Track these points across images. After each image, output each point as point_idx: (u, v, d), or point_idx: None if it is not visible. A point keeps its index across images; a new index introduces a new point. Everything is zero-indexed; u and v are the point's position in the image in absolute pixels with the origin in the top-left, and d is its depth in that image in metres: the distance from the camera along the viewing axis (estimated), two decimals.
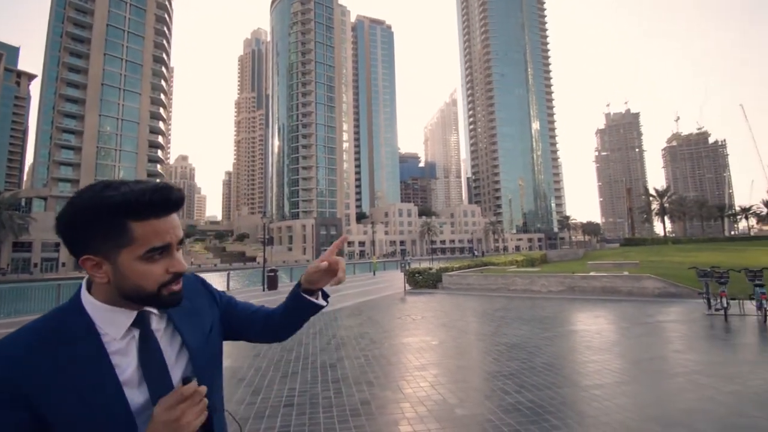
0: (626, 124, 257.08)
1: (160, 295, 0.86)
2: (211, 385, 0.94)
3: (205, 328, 1.03)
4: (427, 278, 17.48)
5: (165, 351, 0.91)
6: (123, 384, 0.81)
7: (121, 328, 0.86)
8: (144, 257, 0.83)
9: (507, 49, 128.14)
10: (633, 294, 12.56)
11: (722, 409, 4.07)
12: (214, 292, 1.15)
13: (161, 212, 0.84)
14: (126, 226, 0.81)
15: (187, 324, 0.98)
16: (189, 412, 0.81)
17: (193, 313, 1.02)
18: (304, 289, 1.16)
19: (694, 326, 8.19)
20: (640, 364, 5.86)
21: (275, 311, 1.22)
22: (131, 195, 0.80)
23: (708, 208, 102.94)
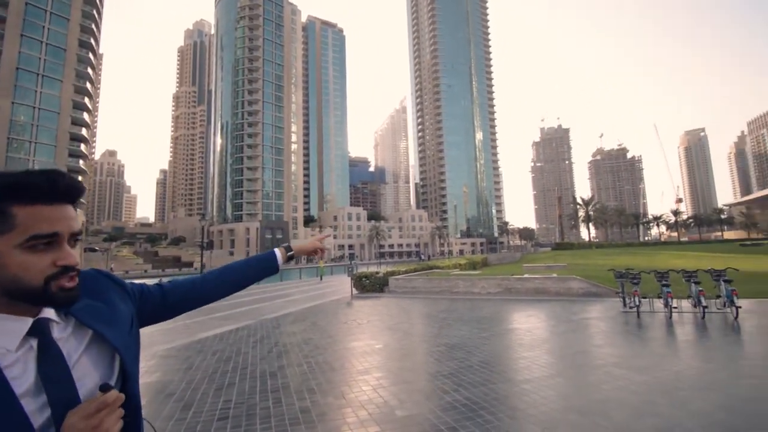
0: (558, 138, 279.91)
1: (48, 290, 0.78)
2: (135, 383, 0.92)
3: (125, 324, 0.98)
4: (374, 282, 17.57)
5: (73, 358, 0.83)
6: (20, 397, 0.74)
7: (14, 338, 0.78)
8: (25, 246, 0.76)
9: (454, 62, 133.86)
10: (561, 294, 13.64)
11: (634, 398, 4.54)
12: (125, 285, 1.08)
13: (48, 198, 0.78)
14: (6, 209, 0.75)
15: (106, 324, 0.91)
16: (108, 420, 0.77)
17: (108, 311, 0.95)
18: (290, 255, 1.48)
19: (611, 323, 9.09)
20: (565, 359, 6.38)
21: (217, 273, 1.32)
22: (13, 177, 0.75)
23: (626, 217, 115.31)
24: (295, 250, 1.52)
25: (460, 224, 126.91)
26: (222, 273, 1.32)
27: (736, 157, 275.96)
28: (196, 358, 7.15)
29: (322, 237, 1.67)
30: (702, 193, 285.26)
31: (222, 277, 1.31)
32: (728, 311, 8.74)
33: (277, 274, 1.50)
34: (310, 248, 1.58)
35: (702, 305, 8.67)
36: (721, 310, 9.05)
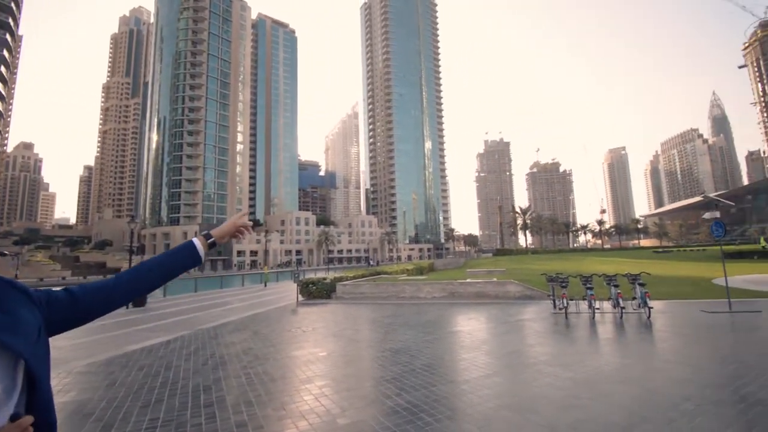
0: (500, 151, 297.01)
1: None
2: (48, 400, 0.88)
3: (32, 333, 0.91)
4: (321, 288, 17.28)
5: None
6: None
7: None
8: None
9: (406, 72, 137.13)
10: (499, 297, 14.40)
11: (560, 393, 4.89)
12: (29, 291, 1.00)
13: None
14: None
15: (6, 332, 0.85)
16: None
17: (9, 319, 0.88)
18: (211, 242, 1.40)
19: (543, 323, 9.75)
20: (501, 359, 6.73)
21: (131, 272, 1.23)
22: None
23: (558, 225, 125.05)
24: (216, 235, 1.44)
25: (408, 230, 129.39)
26: (137, 271, 1.22)
27: (651, 173, 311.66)
28: (120, 373, 6.52)
29: (239, 215, 1.54)
30: (622, 205, 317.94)
31: (137, 275, 1.21)
32: (642, 311, 9.77)
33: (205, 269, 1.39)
34: (231, 229, 1.48)
35: (620, 306, 9.63)
36: (636, 311, 10.10)
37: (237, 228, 1.50)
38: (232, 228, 1.49)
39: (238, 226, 1.50)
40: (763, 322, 8.71)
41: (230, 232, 1.48)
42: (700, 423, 3.84)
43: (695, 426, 3.78)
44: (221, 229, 1.47)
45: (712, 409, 4.18)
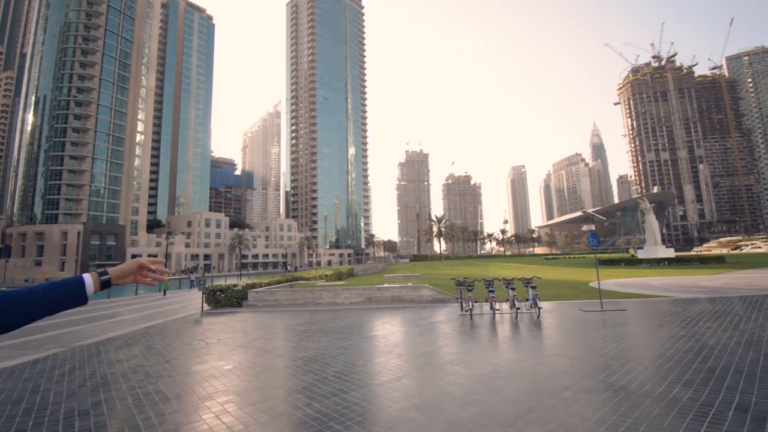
0: (419, 161, 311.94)
1: None
2: None
3: None
4: (230, 296, 16.11)
5: None
6: None
7: None
8: None
9: (331, 76, 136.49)
10: (414, 301, 14.98)
11: (461, 390, 5.22)
12: None
13: None
14: None
15: None
16: None
17: None
18: (105, 280, 1.25)
19: (451, 325, 10.38)
20: (412, 361, 6.97)
21: None
22: None
23: (468, 233, 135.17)
24: (113, 274, 1.27)
25: (329, 235, 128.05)
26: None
27: (545, 190, 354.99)
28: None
29: (150, 260, 1.39)
30: (522, 216, 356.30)
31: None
32: (533, 311, 10.99)
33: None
34: (132, 268, 1.31)
35: (516, 307, 10.71)
36: (528, 311, 11.32)
37: (141, 267, 1.33)
38: (133, 267, 1.32)
39: (143, 266, 1.34)
40: (627, 319, 10.41)
41: (130, 271, 1.32)
42: (576, 409, 4.42)
43: (571, 412, 4.34)
44: (121, 269, 1.31)
45: (585, 396, 4.84)
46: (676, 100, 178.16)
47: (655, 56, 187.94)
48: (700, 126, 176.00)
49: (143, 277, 1.35)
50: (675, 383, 5.07)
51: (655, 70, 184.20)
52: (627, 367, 5.87)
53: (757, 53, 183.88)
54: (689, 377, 5.28)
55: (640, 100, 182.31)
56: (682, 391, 4.78)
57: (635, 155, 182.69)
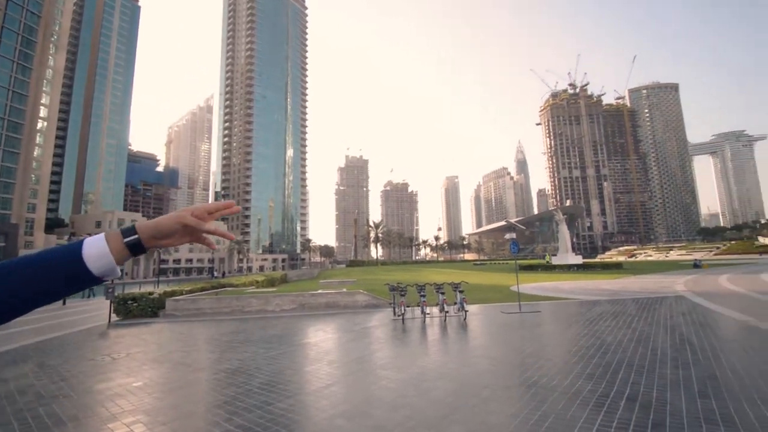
0: (359, 167, 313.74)
1: None
2: None
3: None
4: (144, 305, 14.61)
5: None
6: None
7: None
8: None
9: (271, 74, 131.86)
10: (349, 307, 14.90)
11: (391, 394, 5.27)
12: None
13: None
14: None
15: None
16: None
17: None
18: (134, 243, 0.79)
19: (384, 330, 10.49)
20: (343, 367, 6.89)
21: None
22: None
23: (404, 239, 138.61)
24: (146, 232, 0.80)
25: (263, 239, 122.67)
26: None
27: (475, 199, 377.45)
28: None
29: (216, 205, 0.92)
30: (454, 224, 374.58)
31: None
32: (461, 314, 11.53)
33: None
34: (174, 226, 0.83)
35: (445, 311, 11.15)
36: (456, 314, 11.86)
37: (194, 227, 0.84)
38: (179, 224, 0.83)
39: (193, 223, 0.84)
40: (542, 320, 11.38)
41: (174, 230, 0.83)
42: (494, 406, 4.70)
43: (490, 409, 4.60)
44: (159, 225, 0.82)
45: (503, 393, 5.17)
46: (587, 124, 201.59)
47: (571, 84, 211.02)
48: (606, 148, 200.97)
49: (198, 238, 0.89)
50: (578, 377, 5.64)
51: (570, 97, 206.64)
52: (539, 364, 6.40)
53: (653, 88, 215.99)
54: (590, 371, 5.91)
55: (557, 122, 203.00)
56: (584, 384, 5.33)
57: (552, 171, 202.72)
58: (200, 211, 0.86)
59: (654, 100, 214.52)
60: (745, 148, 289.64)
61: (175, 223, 0.82)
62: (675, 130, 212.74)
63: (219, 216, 0.93)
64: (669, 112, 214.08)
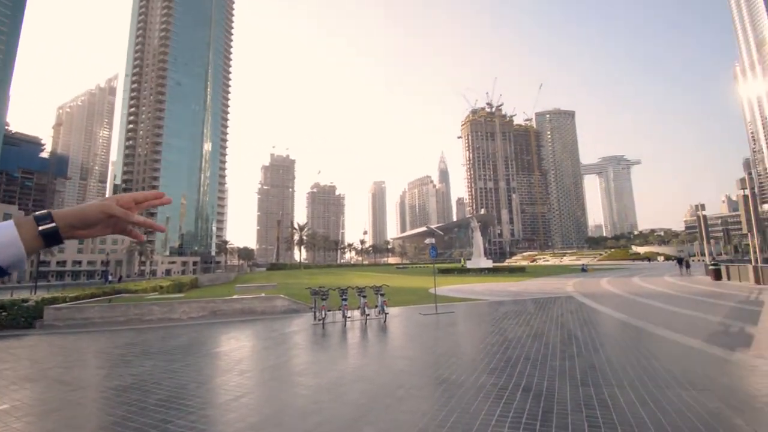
0: (285, 167, 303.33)
1: None
2: None
3: None
4: (15, 314, 12.28)
5: None
6: None
7: None
8: None
9: (189, 60, 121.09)
10: (266, 312, 14.23)
11: (305, 401, 5.14)
12: None
13: None
14: None
15: None
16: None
17: None
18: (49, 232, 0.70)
19: (303, 335, 10.22)
20: (257, 376, 6.54)
21: None
22: None
23: (330, 242, 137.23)
24: (64, 220, 0.72)
25: (172, 240, 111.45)
26: None
27: (400, 205, 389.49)
28: None
29: (133, 197, 0.82)
30: (380, 228, 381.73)
31: None
32: (381, 317, 11.75)
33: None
34: (98, 215, 0.75)
35: (366, 314, 11.26)
36: (377, 317, 12.05)
37: (120, 218, 0.78)
38: (104, 213, 0.76)
39: (121, 214, 0.77)
40: (456, 320, 12.09)
41: (98, 220, 0.76)
42: (407, 405, 4.85)
43: (403, 408, 4.74)
44: (80, 213, 0.75)
45: (416, 392, 5.36)
46: (501, 141, 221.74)
47: (489, 103, 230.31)
48: (515, 164, 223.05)
49: (124, 230, 0.80)
50: (482, 372, 6.10)
51: (488, 115, 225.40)
52: (450, 362, 6.80)
53: (555, 113, 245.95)
54: (493, 366, 6.44)
55: (476, 137, 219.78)
56: (488, 378, 5.78)
57: (470, 182, 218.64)
58: (127, 200, 0.79)
59: (555, 124, 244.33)
60: (624, 171, 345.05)
61: (99, 212, 0.75)
62: (571, 152, 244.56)
63: (147, 206, 0.86)
64: (566, 136, 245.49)
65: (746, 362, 6.12)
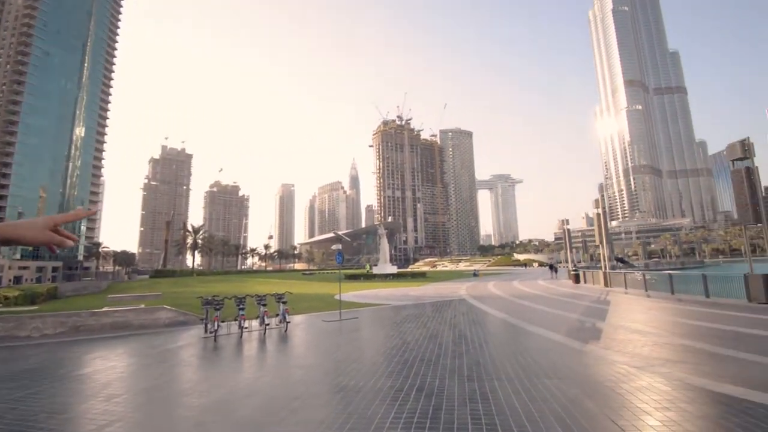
0: (180, 162, 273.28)
1: None
2: None
3: None
4: None
5: None
6: None
7: None
8: None
9: (63, 28, 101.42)
10: (146, 326, 12.52)
11: (184, 424, 4.62)
12: None
13: None
14: None
15: None
16: None
17: None
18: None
19: (192, 350, 9.23)
20: (129, 401, 5.67)
21: None
22: None
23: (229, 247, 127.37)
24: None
25: None
26: None
27: (309, 209, 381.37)
28: None
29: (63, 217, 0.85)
30: (287, 233, 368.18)
31: None
32: (282, 326, 11.26)
33: None
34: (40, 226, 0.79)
35: (265, 324, 10.67)
36: (278, 326, 11.52)
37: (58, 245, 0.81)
38: (47, 224, 0.80)
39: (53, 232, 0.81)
40: (359, 326, 12.19)
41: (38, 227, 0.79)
42: (303, 415, 4.70)
43: (299, 419, 4.58)
44: (19, 232, 0.78)
45: (313, 401, 5.23)
46: (409, 153, 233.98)
47: (399, 116, 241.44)
48: (421, 175, 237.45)
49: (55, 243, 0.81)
50: (381, 376, 6.26)
51: (398, 127, 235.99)
52: (351, 368, 6.82)
53: (456, 132, 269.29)
54: (391, 369, 6.65)
55: (386, 147, 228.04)
56: (385, 381, 5.94)
57: (379, 190, 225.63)
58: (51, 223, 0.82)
59: (456, 142, 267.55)
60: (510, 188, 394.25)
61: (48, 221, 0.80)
62: (468, 168, 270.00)
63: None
64: (465, 153, 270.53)
65: (596, 353, 7.40)
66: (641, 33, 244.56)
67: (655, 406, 4.48)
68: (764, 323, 9.40)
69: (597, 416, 4.31)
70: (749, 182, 13.42)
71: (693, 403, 4.55)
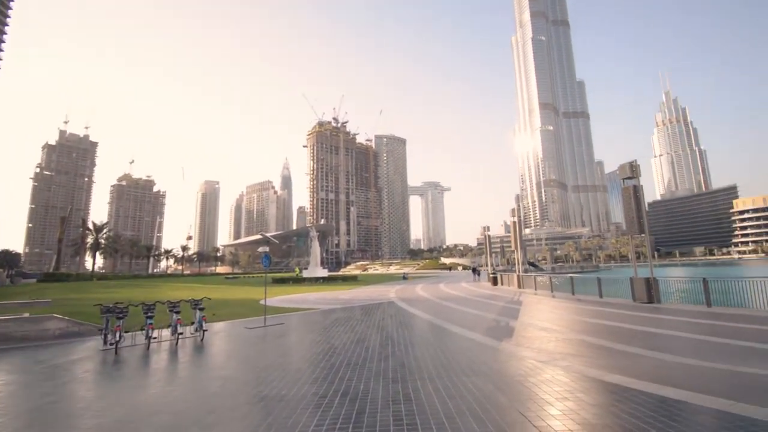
0: (82, 150, 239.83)
1: None
2: None
3: None
4: None
5: None
6: None
7: None
8: None
9: None
10: (31, 338, 10.69)
11: None
12: None
13: None
14: None
15: None
16: None
17: None
18: None
19: (87, 364, 8.08)
20: (10, 423, 4.76)
21: None
22: None
23: (139, 248, 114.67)
24: None
25: None
26: None
27: (236, 209, 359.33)
28: None
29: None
30: (209, 233, 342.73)
31: None
32: (198, 335, 10.38)
33: None
34: None
35: (178, 333, 9.75)
36: (193, 335, 10.59)
37: None
38: None
39: None
40: (285, 331, 11.71)
41: None
42: (217, 431, 4.35)
43: None
44: None
45: (230, 414, 4.88)
46: (344, 156, 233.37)
47: (335, 118, 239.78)
48: (355, 179, 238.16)
49: None
50: (305, 383, 6.08)
51: (333, 129, 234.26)
52: (273, 376, 6.52)
53: (391, 138, 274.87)
54: (316, 375, 6.50)
55: (321, 149, 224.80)
56: (310, 388, 5.79)
57: (313, 192, 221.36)
58: None
59: (390, 148, 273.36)
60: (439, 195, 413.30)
61: None
62: (401, 174, 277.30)
63: None
64: (399, 159, 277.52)
65: (509, 350, 8.01)
66: (555, 62, 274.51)
67: (556, 397, 4.98)
68: (647, 320, 11.03)
69: (507, 409, 4.65)
70: (635, 198, 15.74)
71: (588, 393, 5.15)
